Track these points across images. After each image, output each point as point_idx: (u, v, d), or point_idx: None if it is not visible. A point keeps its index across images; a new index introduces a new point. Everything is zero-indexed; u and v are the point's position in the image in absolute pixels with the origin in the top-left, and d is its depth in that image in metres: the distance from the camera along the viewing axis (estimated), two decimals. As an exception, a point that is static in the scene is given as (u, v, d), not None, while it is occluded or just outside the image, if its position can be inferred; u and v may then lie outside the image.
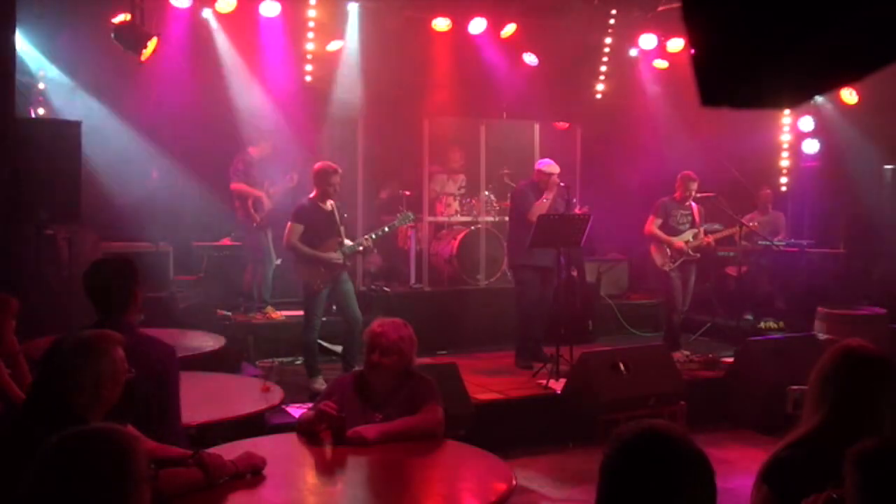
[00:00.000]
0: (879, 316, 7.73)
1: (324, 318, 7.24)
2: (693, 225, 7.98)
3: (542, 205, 7.44)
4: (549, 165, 7.62)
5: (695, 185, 7.93)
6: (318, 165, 6.78)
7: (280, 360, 7.50)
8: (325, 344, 7.45)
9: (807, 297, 8.50)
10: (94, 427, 1.97)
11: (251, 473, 2.97)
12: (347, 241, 6.75)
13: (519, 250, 7.53)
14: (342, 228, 6.78)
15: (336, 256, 6.63)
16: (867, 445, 1.99)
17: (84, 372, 2.60)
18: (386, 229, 7.27)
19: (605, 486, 1.71)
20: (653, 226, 7.97)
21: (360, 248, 6.89)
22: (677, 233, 7.95)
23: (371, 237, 6.92)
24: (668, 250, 7.93)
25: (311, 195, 6.75)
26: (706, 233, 8.08)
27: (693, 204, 8.01)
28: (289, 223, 6.69)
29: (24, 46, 7.50)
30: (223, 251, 8.87)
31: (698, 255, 8.00)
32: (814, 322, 7.79)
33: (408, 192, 9.28)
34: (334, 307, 7.41)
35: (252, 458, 2.99)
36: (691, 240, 7.93)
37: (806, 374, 2.53)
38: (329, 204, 6.72)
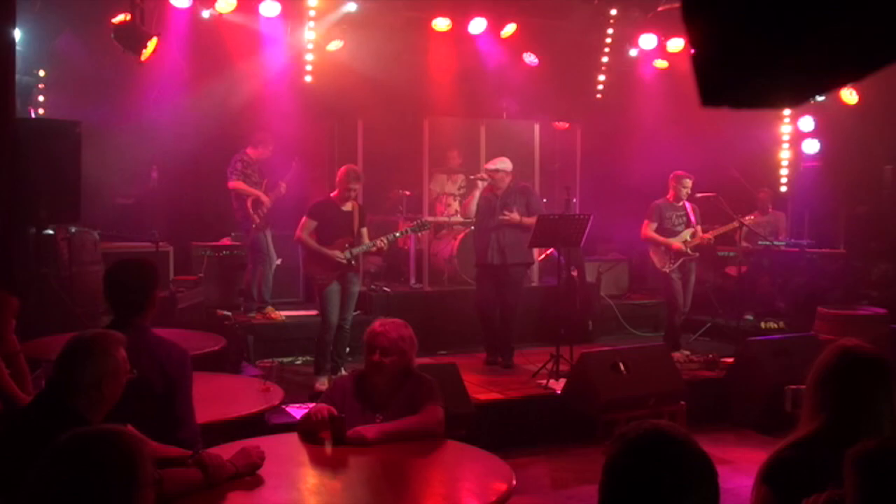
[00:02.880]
0: (879, 316, 7.73)
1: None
2: (689, 224, 7.98)
3: (467, 203, 7.67)
4: (489, 163, 7.71)
5: (689, 184, 7.93)
6: (342, 168, 6.91)
7: (280, 360, 7.51)
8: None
9: (807, 297, 8.50)
10: (100, 428, 1.96)
11: (251, 471, 2.97)
12: (365, 241, 6.81)
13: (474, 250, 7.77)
14: (364, 230, 6.86)
15: (339, 256, 6.67)
16: (866, 446, 1.99)
17: (85, 372, 2.60)
18: (397, 234, 7.47)
19: (608, 486, 1.71)
20: (648, 229, 7.98)
21: (372, 249, 6.98)
22: (673, 234, 7.95)
23: (385, 240, 6.99)
24: (666, 252, 7.94)
25: (333, 193, 6.87)
26: (703, 230, 8.08)
27: (687, 203, 8.00)
28: (303, 217, 6.81)
29: (25, 46, 7.50)
30: (223, 251, 8.87)
31: (697, 253, 8.00)
32: (814, 322, 7.79)
33: (408, 192, 9.29)
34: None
35: (249, 455, 2.99)
36: (689, 239, 7.93)
37: (806, 375, 2.53)
38: (349, 205, 6.80)
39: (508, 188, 7.53)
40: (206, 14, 8.38)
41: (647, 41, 9.88)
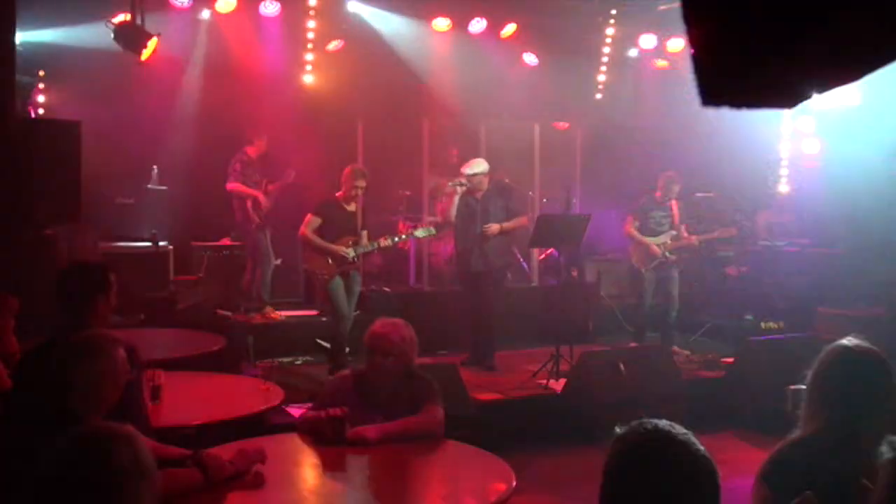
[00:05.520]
0: (879, 316, 7.73)
1: (323, 319, 7.26)
2: (672, 226, 7.98)
3: (447, 207, 7.51)
4: (465, 166, 7.46)
5: (677, 187, 7.95)
6: (347, 168, 6.96)
7: (280, 360, 7.50)
8: (321, 342, 7.48)
9: (807, 297, 8.50)
10: (103, 426, 1.95)
11: (252, 468, 2.97)
12: (365, 242, 6.85)
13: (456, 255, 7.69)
14: (364, 232, 6.90)
15: (345, 250, 6.70)
16: None
17: (84, 372, 2.59)
18: (404, 237, 7.51)
19: (608, 486, 1.71)
20: (630, 226, 8.02)
21: (375, 249, 7.01)
22: (656, 234, 7.97)
23: (391, 240, 7.04)
24: (645, 251, 7.96)
25: (338, 193, 6.92)
26: (689, 233, 8.05)
27: (674, 204, 8.00)
28: (308, 214, 6.85)
29: (24, 46, 7.49)
30: (223, 251, 8.87)
31: (674, 257, 7.98)
32: (814, 322, 7.79)
33: (408, 193, 9.29)
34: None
35: (248, 454, 2.99)
36: (669, 242, 7.94)
37: (806, 375, 2.53)
38: (353, 205, 6.86)
39: (488, 190, 7.46)
40: (206, 14, 8.39)
41: (647, 41, 9.88)
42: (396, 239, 7.21)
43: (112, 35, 6.84)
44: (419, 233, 7.48)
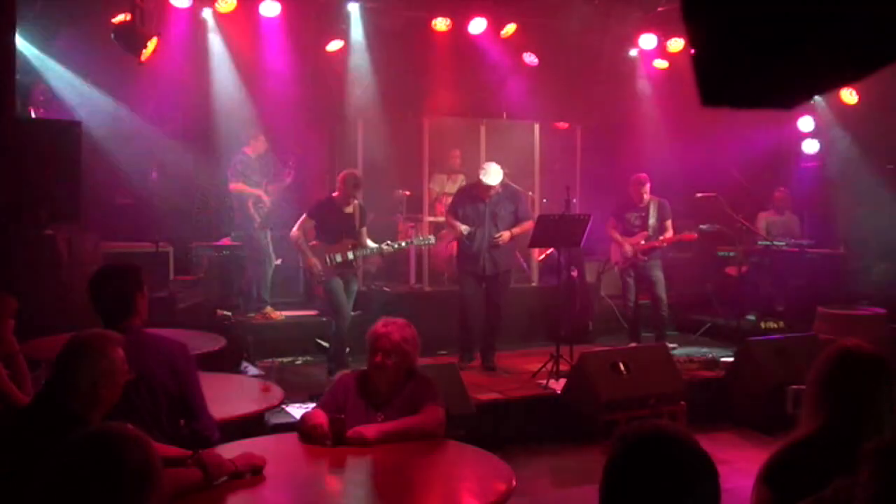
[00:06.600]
0: (879, 316, 7.73)
1: (323, 319, 7.22)
2: (643, 227, 8.05)
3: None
4: (486, 177, 7.25)
5: (646, 188, 8.07)
6: (342, 173, 6.97)
7: (280, 360, 7.51)
8: (321, 342, 7.48)
9: (807, 297, 8.50)
10: (114, 428, 1.95)
11: (251, 473, 2.97)
12: (371, 243, 6.88)
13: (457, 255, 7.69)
14: (363, 230, 6.92)
15: (338, 257, 6.70)
16: (886, 439, 1.98)
17: (82, 372, 2.59)
18: (403, 244, 7.57)
19: (608, 487, 1.70)
20: (609, 226, 8.27)
21: (377, 254, 7.10)
22: (631, 234, 8.15)
23: (393, 247, 7.11)
24: (620, 251, 8.18)
25: (335, 194, 6.93)
26: (694, 230, 8.12)
27: (652, 206, 8.05)
28: (303, 214, 6.86)
29: (24, 46, 7.50)
30: (223, 251, 8.88)
31: (645, 258, 8.05)
32: (814, 322, 7.80)
33: (408, 193, 9.28)
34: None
35: (252, 457, 2.99)
36: (642, 242, 8.05)
37: (806, 374, 2.53)
38: (351, 207, 6.87)
39: (497, 194, 7.42)
40: (206, 14, 8.39)
41: (647, 41, 9.88)
42: (396, 246, 7.26)
43: (112, 35, 6.83)
44: (417, 241, 7.52)
